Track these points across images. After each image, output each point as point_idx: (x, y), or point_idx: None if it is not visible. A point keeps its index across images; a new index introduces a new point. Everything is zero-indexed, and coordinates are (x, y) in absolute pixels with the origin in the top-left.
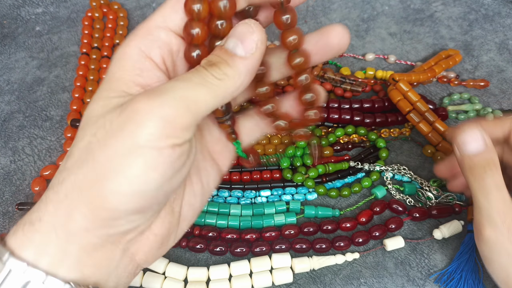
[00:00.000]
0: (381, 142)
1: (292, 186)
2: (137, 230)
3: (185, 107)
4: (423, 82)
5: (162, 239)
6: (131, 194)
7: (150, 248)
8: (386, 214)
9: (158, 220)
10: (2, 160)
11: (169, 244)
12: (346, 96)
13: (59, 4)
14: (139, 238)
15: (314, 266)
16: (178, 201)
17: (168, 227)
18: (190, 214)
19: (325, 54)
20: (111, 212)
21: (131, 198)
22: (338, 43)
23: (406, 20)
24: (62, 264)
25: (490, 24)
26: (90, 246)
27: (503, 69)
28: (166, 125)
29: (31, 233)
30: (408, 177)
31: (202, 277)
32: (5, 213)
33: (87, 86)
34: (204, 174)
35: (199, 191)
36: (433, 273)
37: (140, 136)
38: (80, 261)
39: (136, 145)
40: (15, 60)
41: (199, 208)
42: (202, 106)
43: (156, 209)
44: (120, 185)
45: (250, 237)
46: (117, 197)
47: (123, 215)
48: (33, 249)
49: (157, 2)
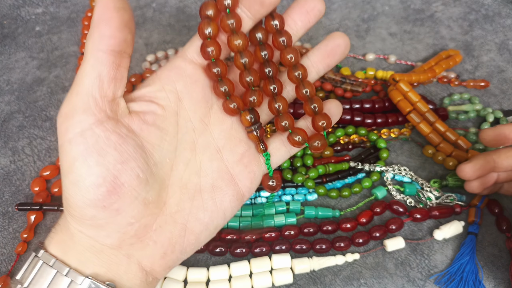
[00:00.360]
0: (381, 143)
1: (292, 187)
2: (126, 233)
3: (73, 96)
4: (423, 82)
5: (164, 248)
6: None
7: (152, 255)
8: (387, 215)
9: (155, 227)
10: (2, 160)
11: (176, 256)
12: (346, 96)
13: (59, 4)
14: (139, 245)
15: (314, 267)
16: (181, 213)
17: (170, 237)
18: (198, 228)
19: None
20: (78, 210)
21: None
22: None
23: (406, 20)
24: (80, 260)
25: (490, 25)
26: (91, 248)
27: (503, 69)
28: (68, 118)
29: (54, 234)
30: (409, 177)
31: (201, 277)
32: (5, 213)
33: None
34: (218, 192)
35: (210, 207)
36: (433, 273)
37: (63, 136)
38: (90, 261)
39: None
40: (15, 60)
41: (210, 224)
42: (82, 86)
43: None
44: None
45: (250, 238)
46: (73, 192)
47: (85, 210)
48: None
49: (157, 2)
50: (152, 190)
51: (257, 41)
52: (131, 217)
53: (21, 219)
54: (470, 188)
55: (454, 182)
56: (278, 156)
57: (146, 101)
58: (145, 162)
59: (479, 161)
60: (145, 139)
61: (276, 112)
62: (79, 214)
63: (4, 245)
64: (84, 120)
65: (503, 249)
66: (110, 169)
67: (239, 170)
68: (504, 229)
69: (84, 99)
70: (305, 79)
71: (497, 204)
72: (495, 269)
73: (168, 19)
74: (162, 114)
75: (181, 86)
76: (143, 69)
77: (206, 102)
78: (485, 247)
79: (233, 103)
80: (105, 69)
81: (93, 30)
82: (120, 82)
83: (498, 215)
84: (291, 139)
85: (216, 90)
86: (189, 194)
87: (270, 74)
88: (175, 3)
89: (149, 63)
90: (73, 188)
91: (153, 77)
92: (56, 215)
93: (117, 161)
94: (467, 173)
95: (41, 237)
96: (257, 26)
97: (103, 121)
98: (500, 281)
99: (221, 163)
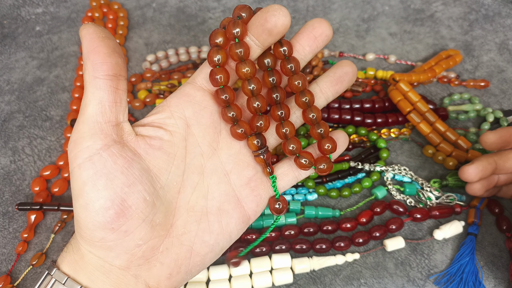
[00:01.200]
0: (381, 143)
1: (292, 186)
2: (134, 254)
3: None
4: (423, 82)
5: (170, 269)
6: (91, 209)
7: (159, 276)
8: (387, 215)
9: (162, 248)
10: (2, 160)
11: (181, 277)
12: (346, 96)
13: (59, 4)
14: (146, 266)
15: (314, 267)
16: (187, 235)
17: (176, 258)
18: (204, 250)
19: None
20: (88, 232)
21: (93, 214)
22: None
23: (406, 20)
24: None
25: (491, 24)
26: (101, 268)
27: (503, 69)
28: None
29: (66, 253)
30: (409, 177)
31: (201, 277)
32: (5, 213)
33: None
34: (225, 215)
35: (216, 230)
36: (433, 273)
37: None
38: (100, 280)
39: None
40: (15, 60)
41: (215, 246)
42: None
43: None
44: (81, 204)
45: (250, 238)
46: (84, 215)
47: (95, 232)
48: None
49: (157, 2)
50: (159, 212)
51: (265, 66)
52: (139, 239)
53: (21, 219)
54: (473, 190)
55: (454, 182)
56: (285, 181)
57: (154, 127)
58: (152, 185)
59: (482, 163)
60: (151, 162)
61: (284, 136)
62: (89, 236)
63: (4, 245)
64: (91, 145)
65: (503, 249)
66: (118, 192)
67: (245, 193)
68: (504, 229)
69: (90, 125)
70: (312, 104)
71: (497, 204)
72: (495, 269)
73: (168, 19)
74: (169, 139)
75: (190, 113)
76: (143, 69)
77: (214, 127)
78: (485, 247)
79: (240, 128)
80: (105, 94)
81: (86, 62)
82: (120, 106)
83: (498, 215)
84: (298, 162)
85: (224, 116)
86: (195, 216)
87: (278, 99)
88: (175, 3)
89: (149, 63)
90: (83, 211)
91: (163, 105)
92: (56, 215)
93: (124, 184)
94: (470, 174)
95: (41, 237)
96: (266, 52)
97: (109, 145)
98: (500, 281)
99: (229, 187)
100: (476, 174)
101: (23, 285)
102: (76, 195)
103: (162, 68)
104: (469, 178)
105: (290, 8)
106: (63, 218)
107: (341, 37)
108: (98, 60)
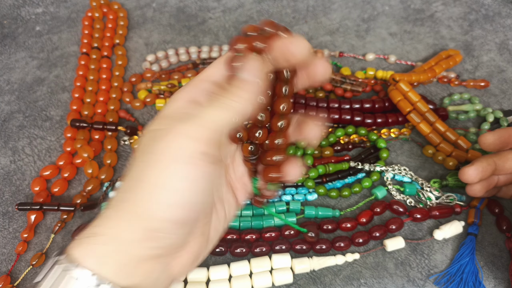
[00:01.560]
0: (381, 143)
1: (292, 187)
2: (177, 247)
3: (206, 126)
4: (423, 82)
5: (194, 257)
6: (173, 204)
7: (185, 264)
8: (387, 215)
9: (193, 240)
10: (2, 160)
11: (198, 262)
12: (346, 96)
13: (59, 4)
14: (177, 255)
15: (314, 267)
16: (207, 225)
17: (199, 247)
18: (215, 237)
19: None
20: (157, 222)
21: (173, 209)
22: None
23: (406, 20)
24: (118, 273)
25: (491, 25)
26: (138, 259)
27: (503, 69)
28: (192, 141)
29: (93, 245)
30: (409, 177)
31: (202, 277)
32: (5, 213)
33: (87, 86)
34: (227, 204)
35: (222, 218)
36: (433, 273)
37: (173, 153)
38: (130, 271)
39: (172, 161)
40: (15, 60)
41: (222, 232)
42: (220, 124)
43: (194, 223)
44: (163, 197)
45: (250, 238)
46: (161, 207)
47: (167, 225)
48: (95, 259)
49: (157, 2)
50: None
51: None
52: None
53: (21, 219)
54: (473, 191)
55: (454, 182)
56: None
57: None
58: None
59: (482, 164)
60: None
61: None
62: (154, 227)
63: (4, 245)
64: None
65: (503, 249)
66: (206, 198)
67: (239, 186)
68: (504, 229)
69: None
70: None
71: (497, 204)
72: (495, 269)
73: (168, 19)
74: None
75: None
76: (143, 69)
77: None
78: (485, 247)
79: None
80: None
81: None
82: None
83: (498, 215)
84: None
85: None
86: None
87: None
88: (175, 3)
89: (149, 63)
90: (162, 203)
91: None
92: (56, 215)
93: (208, 191)
94: (470, 176)
95: (41, 237)
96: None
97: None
98: (500, 281)
99: (228, 180)
100: (476, 175)
101: (23, 285)
102: (157, 190)
103: (162, 68)
104: (469, 180)
105: (290, 8)
106: (63, 218)
107: (341, 37)
108: None
